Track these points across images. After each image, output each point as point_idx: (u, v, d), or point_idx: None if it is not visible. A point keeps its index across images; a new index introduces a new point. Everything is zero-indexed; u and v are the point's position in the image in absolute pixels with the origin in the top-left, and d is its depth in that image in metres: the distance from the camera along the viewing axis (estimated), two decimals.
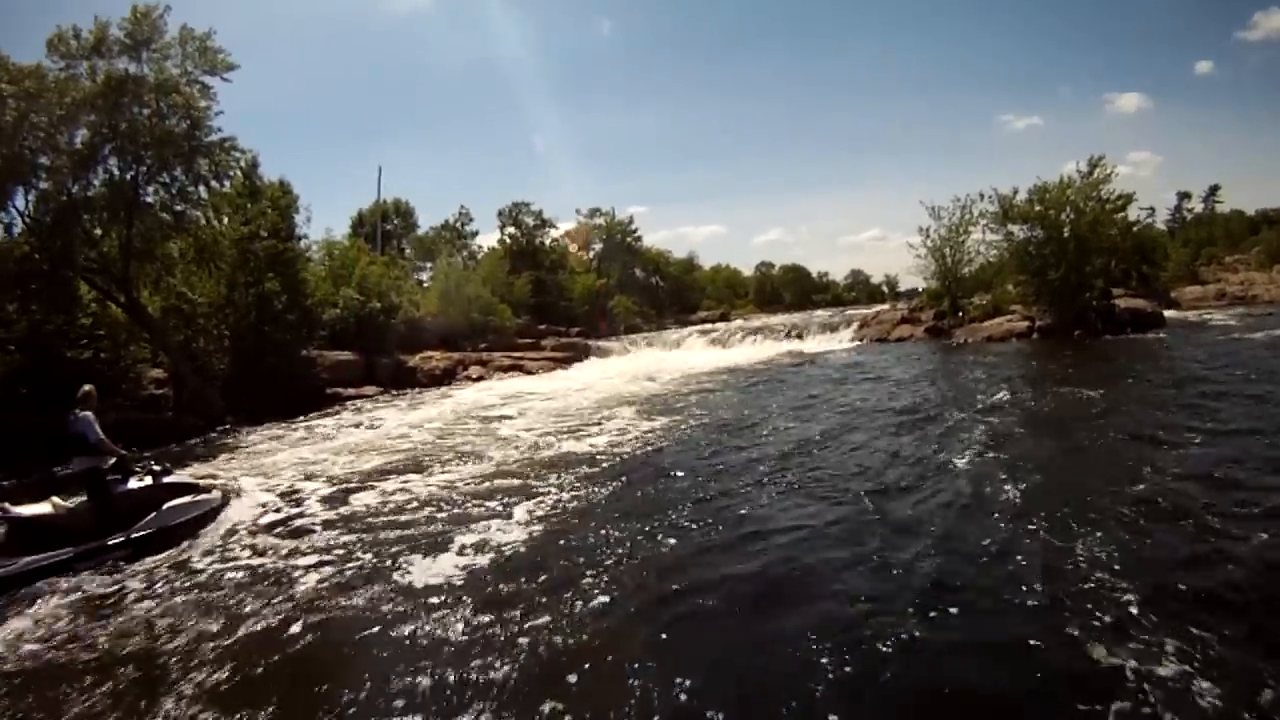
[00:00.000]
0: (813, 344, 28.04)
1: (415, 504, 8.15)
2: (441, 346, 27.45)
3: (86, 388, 7.32)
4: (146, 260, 18.57)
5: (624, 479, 8.61)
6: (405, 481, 9.38)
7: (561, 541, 6.46)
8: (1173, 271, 39.65)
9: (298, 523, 7.75)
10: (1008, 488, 6.68)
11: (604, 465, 9.48)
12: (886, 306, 35.89)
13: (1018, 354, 20.34)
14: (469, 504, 7.94)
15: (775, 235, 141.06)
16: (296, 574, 6.07)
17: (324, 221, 79.98)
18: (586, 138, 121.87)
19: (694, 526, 6.55)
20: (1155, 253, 37.52)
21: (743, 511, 6.90)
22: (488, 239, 53.67)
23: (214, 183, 19.19)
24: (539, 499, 7.82)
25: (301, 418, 17.30)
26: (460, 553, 6.30)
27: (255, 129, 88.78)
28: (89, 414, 7.06)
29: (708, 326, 39.03)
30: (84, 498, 7.01)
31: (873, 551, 5.54)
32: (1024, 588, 4.74)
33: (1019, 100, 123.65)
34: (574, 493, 8.09)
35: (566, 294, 45.61)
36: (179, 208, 18.81)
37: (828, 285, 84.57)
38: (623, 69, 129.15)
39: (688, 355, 28.51)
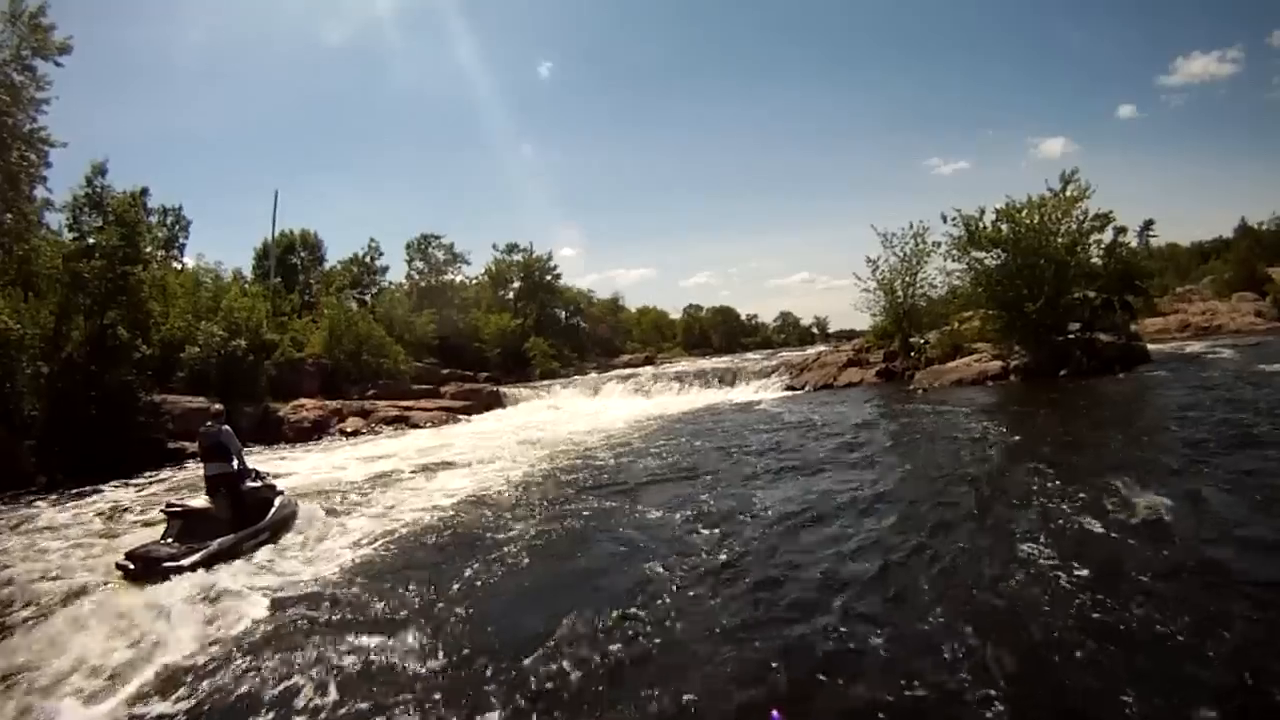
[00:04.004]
0: (748, 392, 24.57)
1: None
2: (321, 393, 24.11)
3: (219, 406, 9.62)
4: None
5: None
6: None
7: None
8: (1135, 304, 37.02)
9: None
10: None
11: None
12: (826, 348, 32.57)
13: (1004, 404, 16.16)
14: None
15: (704, 278, 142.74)
16: None
17: (232, 254, 74.11)
18: (518, 178, 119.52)
19: None
20: (1143, 279, 30.95)
21: None
22: (401, 275, 50.26)
23: (22, 184, 15.95)
24: None
25: (114, 482, 14.09)
26: None
27: (175, 150, 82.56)
28: (229, 428, 8.29)
29: (630, 372, 36.06)
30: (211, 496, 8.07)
31: None
32: None
33: (946, 145, 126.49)
34: None
35: (479, 335, 42.61)
36: None
37: (757, 328, 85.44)
38: (557, 111, 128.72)
39: (607, 404, 26.10)
